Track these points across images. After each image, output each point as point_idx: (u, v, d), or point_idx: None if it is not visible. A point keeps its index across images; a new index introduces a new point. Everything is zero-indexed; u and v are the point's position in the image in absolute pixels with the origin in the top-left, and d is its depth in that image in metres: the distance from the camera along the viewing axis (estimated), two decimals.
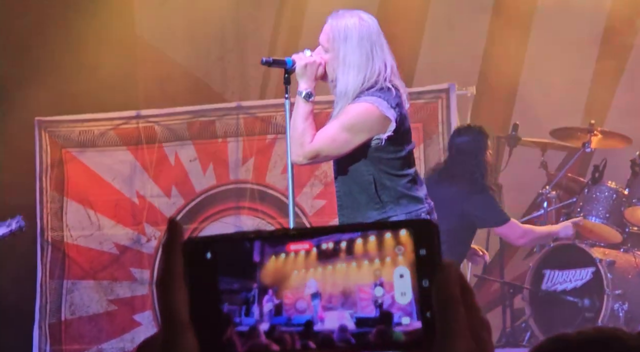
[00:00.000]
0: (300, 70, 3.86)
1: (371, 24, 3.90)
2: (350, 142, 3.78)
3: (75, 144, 7.20)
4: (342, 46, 3.85)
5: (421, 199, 3.93)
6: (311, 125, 3.84)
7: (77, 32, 7.43)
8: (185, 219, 7.07)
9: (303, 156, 3.86)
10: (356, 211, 3.92)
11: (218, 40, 7.87)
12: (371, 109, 3.74)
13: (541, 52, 7.38)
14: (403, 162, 3.88)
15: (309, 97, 3.85)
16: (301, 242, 0.98)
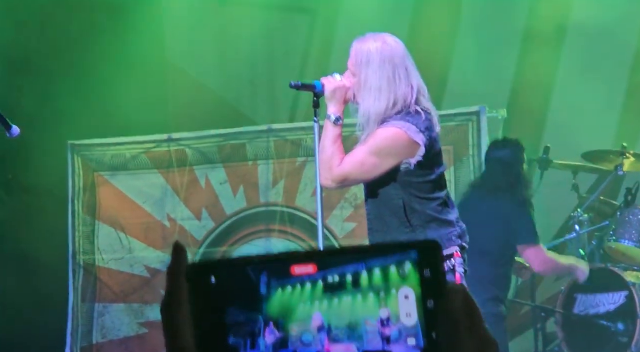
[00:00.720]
0: (330, 94, 3.87)
1: (395, 47, 3.89)
2: (378, 166, 3.77)
3: (107, 167, 7.26)
4: (364, 70, 3.85)
5: (452, 222, 3.91)
6: (340, 149, 3.84)
7: (109, 56, 7.50)
8: (216, 242, 7.09)
9: (332, 180, 3.86)
10: (387, 234, 3.91)
11: (248, 64, 7.91)
12: (399, 133, 3.73)
13: (572, 75, 7.35)
14: (433, 185, 3.87)
15: (337, 120, 3.86)
16: (305, 265, 0.98)
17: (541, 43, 7.41)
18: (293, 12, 7.99)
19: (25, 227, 7.05)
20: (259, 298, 0.98)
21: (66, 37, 7.46)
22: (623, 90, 7.32)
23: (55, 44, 7.45)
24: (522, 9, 7.49)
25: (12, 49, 7.25)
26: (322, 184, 3.92)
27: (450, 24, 7.60)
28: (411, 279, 0.96)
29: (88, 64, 7.43)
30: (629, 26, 7.23)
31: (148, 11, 7.84)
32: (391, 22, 7.47)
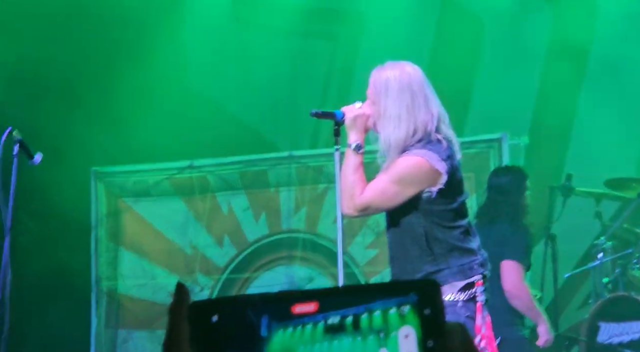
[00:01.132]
0: (350, 122, 3.88)
1: (413, 75, 3.88)
2: (400, 195, 3.77)
3: (130, 193, 7.29)
4: (383, 98, 3.85)
5: (474, 250, 3.89)
6: (361, 177, 3.84)
7: (130, 83, 7.55)
8: (238, 268, 7.10)
9: (353, 208, 3.86)
10: (408, 262, 3.90)
11: (270, 89, 7.95)
12: (421, 162, 3.73)
13: (594, 101, 7.33)
14: (455, 213, 3.85)
15: (358, 149, 3.86)
16: (306, 304, 0.99)
17: (563, 69, 7.40)
18: (315, 38, 8.03)
19: (48, 253, 7.09)
20: (260, 340, 0.99)
21: (88, 64, 7.53)
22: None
23: (77, 71, 7.51)
24: (544, 36, 7.49)
25: (34, 76, 7.32)
26: (344, 213, 3.92)
27: (472, 50, 7.61)
28: (411, 319, 0.97)
29: (110, 91, 7.49)
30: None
31: (169, 36, 7.90)
32: (412, 48, 7.49)
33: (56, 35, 7.33)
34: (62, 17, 7.35)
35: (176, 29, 7.93)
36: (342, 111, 3.92)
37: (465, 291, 3.82)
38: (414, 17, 7.72)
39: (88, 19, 7.48)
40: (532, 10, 7.48)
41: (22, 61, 7.16)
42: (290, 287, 7.08)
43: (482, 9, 7.55)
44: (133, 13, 7.60)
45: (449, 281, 3.80)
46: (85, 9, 7.45)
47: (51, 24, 7.30)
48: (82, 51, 7.52)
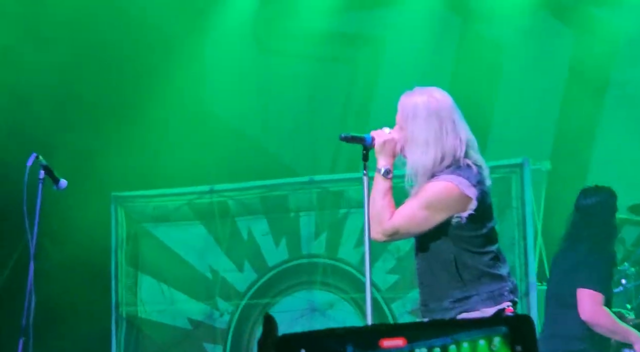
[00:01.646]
0: (379, 147, 3.87)
1: (441, 100, 3.88)
2: (429, 220, 3.75)
3: (150, 218, 7.29)
4: (411, 123, 3.85)
5: (504, 276, 3.85)
6: (390, 202, 3.83)
7: (151, 108, 7.57)
8: (258, 293, 7.07)
9: (382, 233, 3.84)
10: (437, 289, 3.87)
11: (289, 113, 7.96)
12: (451, 187, 3.71)
13: (614, 126, 7.31)
14: (485, 239, 3.83)
15: (387, 173, 3.85)
16: (394, 339, 0.98)
17: (583, 94, 7.39)
18: (334, 62, 8.04)
19: (69, 278, 7.08)
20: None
21: (110, 91, 7.56)
22: None
23: (99, 97, 7.54)
24: (564, 60, 7.49)
25: (58, 102, 7.36)
26: (373, 237, 3.89)
27: (492, 74, 7.61)
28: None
29: (131, 116, 7.51)
30: None
31: (190, 61, 7.93)
32: (432, 72, 7.51)
33: (79, 63, 7.37)
34: (84, 45, 7.39)
35: (196, 54, 7.96)
36: (371, 136, 3.91)
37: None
38: (433, 42, 7.73)
39: (110, 46, 7.52)
40: (552, 36, 7.49)
41: (45, 88, 7.19)
42: (311, 313, 7.05)
43: (502, 34, 7.55)
44: (154, 40, 7.64)
45: (478, 307, 3.77)
46: (106, 37, 7.49)
47: (73, 52, 7.33)
48: (103, 78, 7.55)
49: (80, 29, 7.32)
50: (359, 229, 6.96)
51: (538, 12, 7.53)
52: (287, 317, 7.04)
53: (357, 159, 7.67)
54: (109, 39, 7.52)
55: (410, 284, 6.83)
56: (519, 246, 6.64)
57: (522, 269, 6.58)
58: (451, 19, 7.77)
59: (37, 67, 7.16)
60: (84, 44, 7.39)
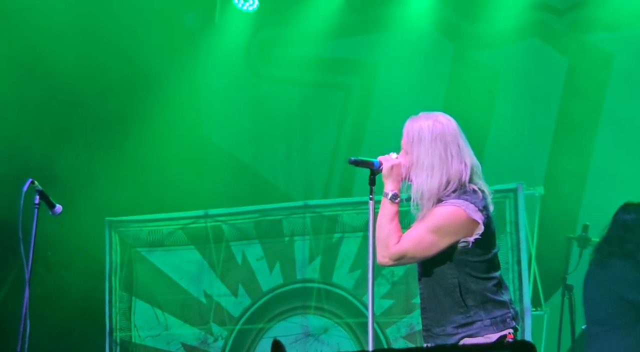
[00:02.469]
0: (387, 172, 3.88)
1: (446, 125, 3.90)
2: (436, 244, 3.76)
3: (144, 243, 7.27)
4: (416, 148, 3.86)
5: (506, 303, 3.86)
6: (397, 226, 3.84)
7: (145, 133, 7.58)
8: (253, 318, 7.05)
9: (389, 257, 3.85)
10: (440, 314, 3.87)
11: (283, 139, 7.98)
12: (458, 212, 3.73)
13: (608, 151, 7.36)
14: (489, 265, 3.84)
15: (394, 198, 3.87)
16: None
17: (577, 119, 7.44)
18: (327, 87, 8.07)
19: (63, 303, 7.05)
20: None
21: (105, 116, 7.56)
22: None
23: (92, 121, 7.54)
24: (558, 85, 7.55)
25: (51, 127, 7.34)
26: (379, 262, 3.90)
27: (486, 99, 7.66)
28: None
29: (125, 141, 7.51)
30: None
31: (184, 87, 7.95)
32: (425, 97, 7.55)
33: (76, 89, 7.37)
34: (79, 67, 7.38)
35: (190, 80, 7.99)
36: (379, 161, 3.93)
37: None
38: (427, 67, 7.78)
39: (104, 69, 7.52)
40: (546, 61, 7.55)
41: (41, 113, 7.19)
42: (305, 338, 7.04)
43: (496, 59, 7.61)
44: (148, 65, 7.66)
45: (481, 333, 3.77)
46: (102, 60, 7.50)
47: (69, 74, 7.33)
48: (99, 104, 7.56)
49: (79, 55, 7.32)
50: (353, 254, 6.97)
51: (530, 39, 7.60)
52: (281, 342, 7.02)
53: (350, 184, 7.75)
54: (105, 65, 7.53)
55: (405, 308, 6.84)
56: (513, 270, 6.66)
57: (517, 293, 6.60)
58: (444, 44, 7.82)
59: (31, 93, 7.16)
60: (82, 70, 7.39)
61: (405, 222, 3.90)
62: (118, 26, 7.50)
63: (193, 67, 8.02)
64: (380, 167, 3.91)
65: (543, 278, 6.94)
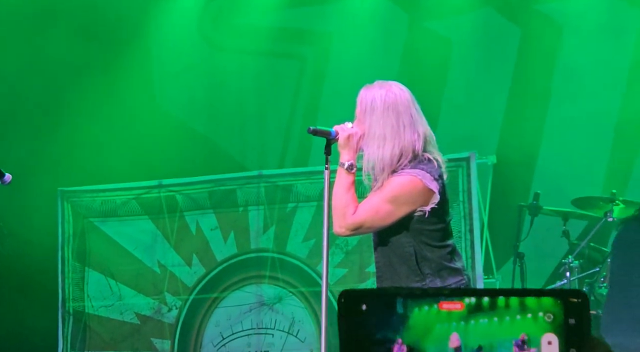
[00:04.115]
0: (343, 142, 3.88)
1: (399, 95, 3.90)
2: (393, 214, 3.78)
3: (97, 213, 7.22)
4: (368, 117, 3.87)
5: (460, 270, 3.92)
6: (353, 196, 3.85)
7: (99, 103, 7.50)
8: (207, 288, 7.05)
9: (346, 227, 3.86)
10: (396, 282, 3.90)
11: (238, 108, 7.94)
12: (415, 181, 3.75)
13: (560, 120, 7.43)
14: (444, 233, 3.88)
15: (351, 168, 3.87)
16: (454, 303, 1.02)
17: (530, 89, 7.49)
18: (282, 58, 8.04)
19: (15, 274, 6.98)
20: (398, 317, 1.03)
21: (56, 86, 7.46)
22: (611, 137, 7.41)
23: (45, 91, 7.45)
24: (511, 56, 7.59)
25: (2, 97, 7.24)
26: (336, 232, 3.91)
27: (440, 70, 7.67)
28: (556, 325, 0.98)
29: (78, 111, 7.43)
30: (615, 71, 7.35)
31: (137, 57, 7.86)
32: (379, 66, 7.54)
33: (24, 56, 7.26)
34: (30, 38, 7.28)
35: (144, 50, 7.90)
36: (335, 130, 3.92)
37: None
38: (381, 37, 7.77)
39: (56, 41, 7.42)
40: (500, 30, 7.57)
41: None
42: (259, 308, 7.05)
43: (450, 30, 7.62)
44: (100, 35, 7.56)
45: None
46: (52, 32, 7.39)
47: (19, 44, 7.22)
48: (51, 72, 7.45)
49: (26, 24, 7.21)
50: (307, 223, 6.99)
51: (484, 9, 7.62)
52: (235, 311, 7.04)
53: (305, 154, 7.75)
54: (55, 34, 7.42)
55: (358, 278, 6.88)
56: (465, 239, 6.72)
57: (469, 262, 6.67)
58: (398, 14, 7.81)
59: None
60: (30, 38, 7.28)
61: (359, 191, 3.91)
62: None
63: (145, 36, 7.93)
64: (337, 136, 3.91)
65: (495, 246, 7.02)
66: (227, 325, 7.04)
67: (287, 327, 6.94)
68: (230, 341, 7.03)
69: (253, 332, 7.00)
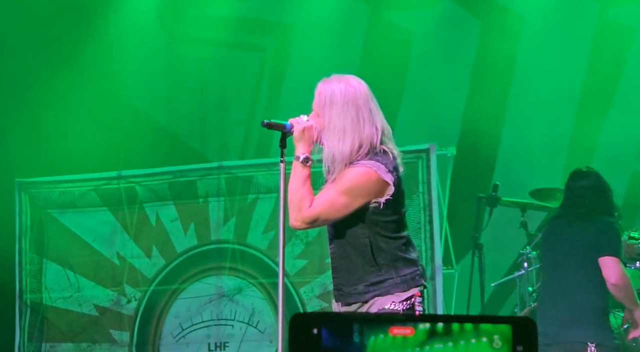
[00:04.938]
0: (298, 135, 3.88)
1: (358, 89, 3.91)
2: (349, 206, 3.78)
3: (56, 205, 7.17)
4: (327, 111, 3.87)
5: (415, 261, 3.94)
6: (309, 189, 3.85)
7: (58, 93, 7.44)
8: (166, 280, 7.03)
9: (302, 221, 3.85)
10: (352, 274, 3.92)
11: (199, 99, 7.91)
12: (370, 172, 3.76)
13: (521, 112, 7.48)
14: (398, 225, 3.90)
15: (306, 161, 3.87)
16: (404, 328, 1.01)
17: (490, 82, 7.53)
18: (243, 49, 8.02)
19: None
20: (354, 346, 1.01)
21: (13, 74, 7.39)
22: (569, 129, 7.48)
23: (3, 82, 7.37)
24: (472, 48, 7.62)
25: None
26: (292, 225, 3.91)
27: (400, 61, 7.69)
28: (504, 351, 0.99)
29: (36, 101, 7.36)
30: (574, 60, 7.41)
31: (97, 46, 7.80)
32: (341, 58, 7.55)
33: None
34: None
35: (104, 40, 7.85)
36: (290, 123, 3.92)
37: (406, 301, 3.87)
38: (342, 29, 7.77)
39: (13, 29, 7.34)
40: (460, 23, 7.60)
41: None
42: (219, 299, 7.04)
43: (411, 21, 7.64)
44: (59, 23, 7.49)
45: (392, 291, 3.84)
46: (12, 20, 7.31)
47: None
48: (7, 63, 7.37)
49: None
50: (267, 215, 6.98)
51: (445, 1, 7.65)
52: (195, 303, 7.03)
53: (266, 145, 7.75)
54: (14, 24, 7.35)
55: (319, 269, 6.89)
56: (425, 230, 6.75)
57: (428, 253, 6.70)
58: (359, 5, 7.82)
59: None
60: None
61: (318, 184, 3.91)
62: None
63: (105, 26, 7.87)
64: (292, 129, 3.91)
65: (456, 238, 7.06)
66: (187, 316, 7.02)
67: (247, 319, 6.94)
68: (190, 332, 7.02)
69: (213, 323, 6.99)
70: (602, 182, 5.44)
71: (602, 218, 5.32)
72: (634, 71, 7.34)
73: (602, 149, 7.43)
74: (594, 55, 7.41)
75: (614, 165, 7.23)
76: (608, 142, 7.41)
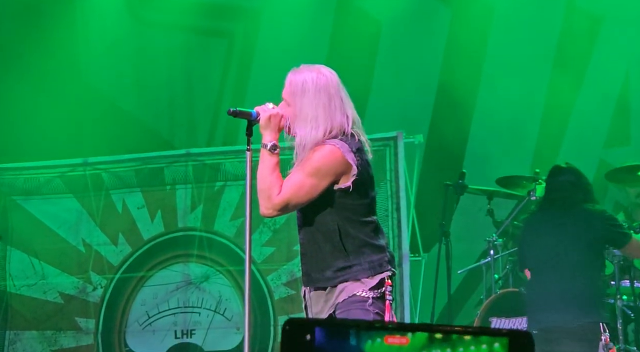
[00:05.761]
0: (265, 123, 3.87)
1: (329, 77, 3.92)
2: (317, 187, 3.78)
3: (20, 191, 7.10)
4: (299, 100, 3.87)
5: (383, 247, 3.94)
6: (278, 177, 3.84)
7: (23, 79, 7.36)
8: (133, 267, 7.00)
9: (273, 208, 3.84)
10: (320, 260, 3.91)
11: (166, 86, 7.86)
12: (334, 150, 3.77)
13: (491, 101, 7.51)
14: (367, 209, 3.90)
15: (274, 148, 3.86)
16: (399, 337, 1.00)
17: (460, 70, 7.55)
18: (211, 35, 7.97)
19: None
20: (350, 349, 1.00)
21: None
22: (539, 117, 7.52)
23: None
24: (441, 37, 7.63)
25: None
26: (263, 214, 3.89)
27: (369, 49, 7.69)
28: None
29: (1, 87, 7.28)
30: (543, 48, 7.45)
31: (63, 32, 7.72)
32: (309, 46, 7.53)
33: None
34: None
35: (70, 25, 7.76)
36: (256, 111, 3.91)
37: (376, 289, 3.88)
38: (310, 15, 7.75)
39: None
40: (430, 12, 7.61)
41: None
42: (186, 286, 7.02)
43: (380, 9, 7.63)
44: (26, 8, 7.40)
45: (359, 276, 3.85)
46: None
47: None
48: None
49: None
50: (235, 202, 6.97)
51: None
52: (162, 290, 7.00)
53: (234, 133, 7.71)
54: None
55: (286, 256, 6.89)
56: (392, 217, 6.77)
57: (396, 240, 6.72)
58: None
59: None
60: None
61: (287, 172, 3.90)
62: None
63: (71, 11, 7.79)
64: (258, 117, 3.89)
65: (425, 225, 7.08)
66: (153, 304, 7.00)
67: (214, 306, 6.93)
68: (157, 319, 6.99)
69: (179, 310, 6.97)
70: (581, 177, 5.58)
71: (591, 207, 5.47)
72: (602, 57, 7.39)
73: (571, 136, 7.48)
74: (563, 45, 7.45)
75: (582, 154, 7.29)
76: (576, 132, 7.47)
